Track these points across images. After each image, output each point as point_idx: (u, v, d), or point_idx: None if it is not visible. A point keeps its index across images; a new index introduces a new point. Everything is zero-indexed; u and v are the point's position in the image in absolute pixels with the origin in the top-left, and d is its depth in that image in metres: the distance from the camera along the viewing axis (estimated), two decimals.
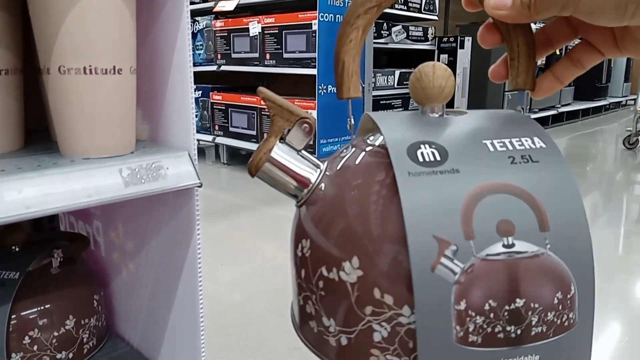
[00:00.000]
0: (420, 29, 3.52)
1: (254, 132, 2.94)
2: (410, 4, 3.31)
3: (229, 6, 2.88)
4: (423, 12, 3.45)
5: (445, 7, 4.61)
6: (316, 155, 0.38)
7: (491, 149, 0.31)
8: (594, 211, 2.49)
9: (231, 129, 3.08)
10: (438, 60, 3.90)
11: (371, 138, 0.36)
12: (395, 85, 3.28)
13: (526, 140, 0.31)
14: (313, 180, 0.35)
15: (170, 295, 0.68)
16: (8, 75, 0.53)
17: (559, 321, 0.29)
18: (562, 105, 5.46)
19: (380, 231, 0.30)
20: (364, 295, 0.30)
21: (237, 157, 3.41)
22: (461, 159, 0.30)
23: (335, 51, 0.35)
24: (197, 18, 3.21)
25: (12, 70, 0.53)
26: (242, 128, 3.01)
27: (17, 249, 0.72)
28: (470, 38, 3.93)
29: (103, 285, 0.82)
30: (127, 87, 0.53)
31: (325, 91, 2.56)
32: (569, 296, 0.29)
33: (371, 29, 2.72)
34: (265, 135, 2.83)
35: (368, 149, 0.34)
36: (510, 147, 0.31)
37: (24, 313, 0.67)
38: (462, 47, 3.89)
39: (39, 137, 0.64)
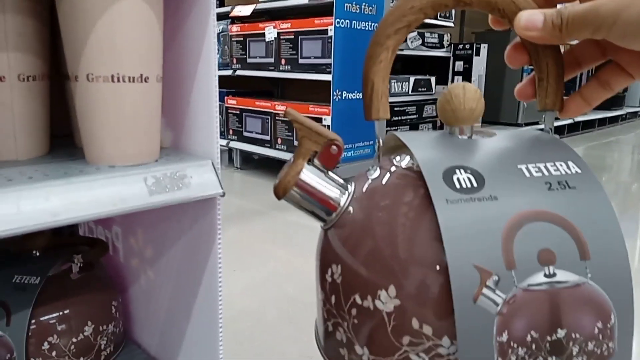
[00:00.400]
0: (436, 35, 3.51)
1: (268, 137, 2.95)
2: None
3: (246, 11, 2.89)
4: (439, 18, 3.44)
5: (461, 13, 4.59)
6: None
7: (527, 174, 0.30)
8: None
9: (245, 134, 3.09)
10: (453, 67, 3.88)
11: (397, 158, 0.35)
12: (410, 92, 3.27)
13: (561, 165, 0.31)
14: (342, 204, 0.34)
15: (190, 303, 0.68)
16: (36, 82, 0.53)
17: (598, 351, 0.28)
18: (579, 115, 5.40)
19: (418, 260, 0.29)
20: (401, 325, 0.29)
21: (251, 162, 3.41)
22: (498, 185, 0.29)
23: (364, 71, 0.34)
24: None
25: (40, 77, 0.53)
26: (257, 133, 3.01)
27: (37, 254, 0.72)
28: (486, 45, 3.91)
29: (121, 291, 0.82)
30: (154, 96, 0.53)
31: (340, 97, 2.55)
32: (609, 325, 0.28)
33: None
34: (279, 140, 2.83)
35: (396, 170, 0.34)
36: (546, 173, 0.30)
37: (44, 318, 0.67)
38: (477, 54, 3.87)
39: (63, 142, 0.64)
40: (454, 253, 0.27)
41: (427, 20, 3.35)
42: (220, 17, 3.17)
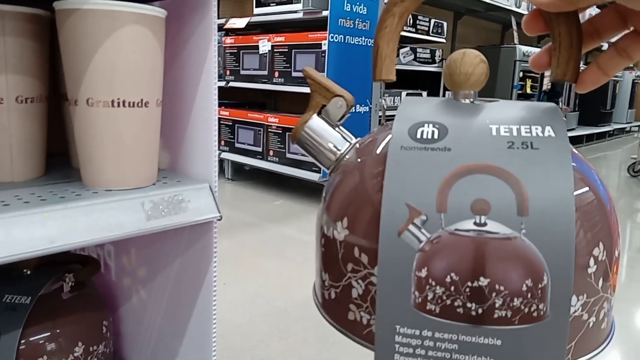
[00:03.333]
0: (428, 51, 3.55)
1: (259, 149, 2.95)
2: (418, 27, 3.34)
3: (240, 23, 2.91)
4: (431, 34, 3.48)
5: (452, 30, 4.64)
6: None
7: (494, 133, 0.31)
8: None
9: (237, 145, 3.09)
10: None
11: None
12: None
13: (536, 128, 0.31)
14: (342, 151, 0.38)
15: (183, 324, 0.67)
16: (34, 104, 0.53)
17: (526, 309, 0.28)
18: (567, 131, 5.47)
19: (365, 196, 0.32)
20: (347, 253, 0.32)
21: (242, 173, 3.41)
22: (458, 139, 0.31)
23: (374, 38, 0.37)
24: None
25: (38, 99, 0.53)
26: (248, 144, 3.01)
27: (28, 272, 0.71)
28: None
29: (112, 309, 0.81)
30: (153, 120, 0.53)
31: None
32: (540, 286, 0.28)
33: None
34: (271, 151, 2.83)
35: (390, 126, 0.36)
36: (515, 133, 0.31)
37: (33, 338, 0.66)
38: None
39: (58, 161, 0.64)
40: (389, 191, 0.29)
41: (419, 36, 3.38)
42: None
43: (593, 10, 0.37)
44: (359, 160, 0.36)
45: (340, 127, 0.39)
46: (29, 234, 0.42)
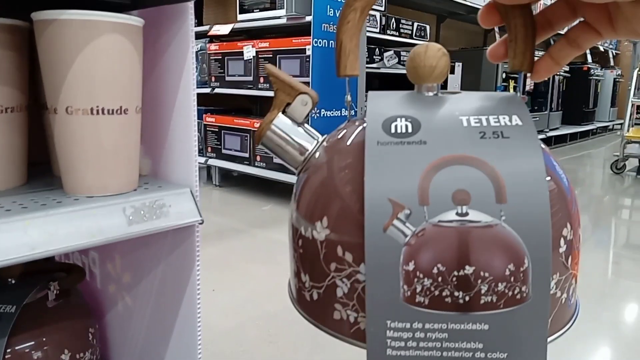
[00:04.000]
0: None
1: (246, 155, 2.95)
2: (401, 30, 3.37)
3: (224, 30, 2.91)
4: (414, 37, 3.51)
5: (436, 33, 4.69)
6: None
7: (465, 124, 0.32)
8: (583, 235, 2.51)
9: (224, 151, 3.09)
10: None
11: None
12: None
13: (503, 118, 0.32)
14: (309, 150, 0.37)
15: (168, 329, 0.68)
16: (14, 113, 0.53)
17: (510, 293, 0.29)
18: (551, 130, 5.54)
19: (346, 194, 0.32)
20: (329, 252, 0.32)
21: (230, 179, 3.41)
22: (431, 132, 0.31)
23: (336, 33, 0.37)
24: None
25: (18, 108, 0.54)
26: (235, 150, 3.01)
27: (13, 281, 0.72)
28: (460, 63, 4.00)
29: (98, 316, 0.81)
30: (133, 127, 0.54)
31: (318, 115, 2.58)
32: (522, 269, 0.29)
33: (364, 52, 2.73)
34: (258, 157, 2.83)
35: (359, 122, 0.36)
36: (485, 124, 0.32)
37: (19, 347, 0.66)
38: (452, 72, 3.95)
39: (40, 170, 0.64)
40: (371, 187, 0.29)
41: (403, 40, 3.42)
42: (199, 35, 3.19)
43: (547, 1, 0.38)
44: (331, 157, 0.35)
45: (306, 125, 0.39)
46: (10, 242, 0.43)
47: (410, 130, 0.31)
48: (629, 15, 0.31)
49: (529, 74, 0.36)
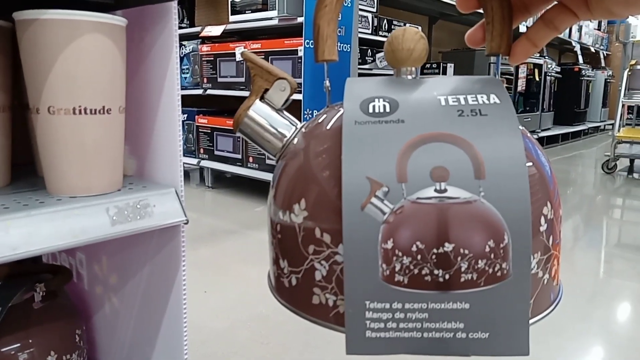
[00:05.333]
0: None
1: (239, 156, 2.95)
2: None
3: (216, 31, 2.91)
4: None
5: (428, 33, 4.71)
6: None
7: (443, 103, 0.32)
8: (575, 234, 2.53)
9: (216, 153, 3.08)
10: None
11: None
12: None
13: (481, 97, 0.32)
14: (288, 136, 0.37)
15: (154, 330, 0.68)
16: None
17: (490, 270, 0.28)
18: (542, 130, 5.57)
19: (323, 175, 0.32)
20: (307, 235, 0.31)
21: (222, 181, 3.40)
22: (409, 111, 0.31)
23: (313, 18, 0.36)
24: (183, 42, 3.23)
25: (1, 109, 0.54)
26: (228, 152, 3.01)
27: None
28: (452, 64, 4.01)
29: (85, 318, 0.81)
30: (116, 127, 0.54)
31: (310, 116, 2.58)
32: (501, 245, 0.28)
33: (356, 53, 2.73)
34: (251, 158, 2.83)
35: (338, 106, 0.36)
36: (462, 102, 0.31)
37: (4, 349, 0.66)
38: (444, 73, 3.97)
39: (23, 171, 0.64)
40: (349, 166, 0.29)
41: None
42: (191, 37, 3.18)
43: None
44: (308, 142, 0.35)
45: (284, 111, 0.38)
46: None
47: (388, 110, 0.31)
48: None
49: (506, 57, 0.36)
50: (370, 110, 0.31)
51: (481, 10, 0.37)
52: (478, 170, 0.29)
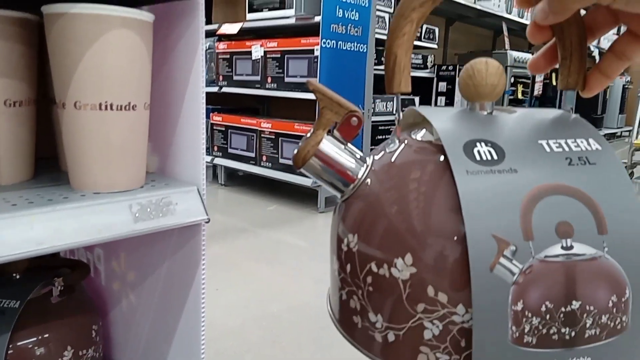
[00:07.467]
0: (420, 56, 3.57)
1: (252, 154, 2.95)
2: None
3: (233, 29, 2.92)
4: (423, 40, 3.50)
5: (444, 36, 4.68)
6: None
7: (547, 149, 0.31)
8: None
9: (230, 150, 3.09)
10: (437, 87, 3.94)
11: (416, 133, 0.36)
12: (394, 111, 3.30)
13: (582, 142, 0.31)
14: (359, 175, 0.34)
15: (172, 327, 0.67)
16: (22, 107, 0.53)
17: (612, 324, 0.29)
18: None
19: (435, 230, 0.30)
20: (416, 292, 0.30)
21: (235, 179, 3.41)
22: (518, 158, 0.30)
23: (387, 45, 0.34)
24: None
25: (26, 102, 0.54)
26: (242, 150, 3.01)
27: (17, 277, 0.71)
28: None
29: (101, 313, 0.81)
30: (141, 123, 0.53)
31: None
32: (623, 299, 0.29)
33: (372, 54, 2.72)
34: (264, 157, 2.83)
35: (414, 143, 0.34)
36: (566, 149, 0.31)
37: (22, 343, 0.66)
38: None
39: (47, 165, 0.64)
40: (472, 223, 0.27)
41: None
42: (207, 34, 3.19)
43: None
44: (396, 185, 0.32)
45: (349, 144, 0.35)
46: (16, 237, 0.43)
47: (495, 156, 0.30)
48: None
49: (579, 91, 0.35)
50: (478, 158, 0.30)
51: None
52: (600, 225, 0.28)
